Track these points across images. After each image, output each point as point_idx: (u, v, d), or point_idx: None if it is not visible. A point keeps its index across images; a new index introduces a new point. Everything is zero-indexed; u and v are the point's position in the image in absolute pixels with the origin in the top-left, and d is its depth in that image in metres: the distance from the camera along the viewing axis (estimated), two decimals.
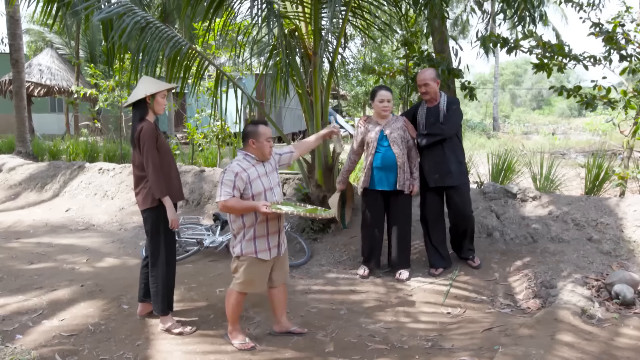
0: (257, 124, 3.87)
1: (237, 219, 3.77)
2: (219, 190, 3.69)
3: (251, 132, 3.83)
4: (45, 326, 4.17)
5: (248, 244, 3.76)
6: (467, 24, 33.37)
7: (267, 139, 3.83)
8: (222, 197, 3.65)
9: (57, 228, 7.78)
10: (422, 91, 5.16)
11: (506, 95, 65.06)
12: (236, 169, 3.71)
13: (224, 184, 3.67)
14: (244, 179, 3.71)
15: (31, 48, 28.43)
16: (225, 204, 3.65)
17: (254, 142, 3.81)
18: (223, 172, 3.75)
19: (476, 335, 3.96)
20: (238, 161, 3.80)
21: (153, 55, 5.35)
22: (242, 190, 3.70)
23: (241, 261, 3.80)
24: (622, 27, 6.62)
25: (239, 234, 3.79)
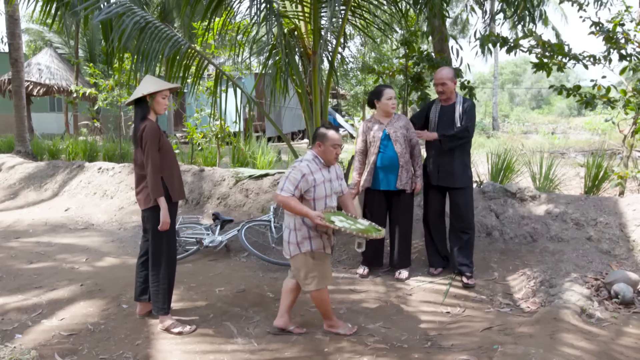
0: (328, 129, 3.94)
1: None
2: (282, 183, 3.75)
3: (320, 134, 3.91)
4: (44, 325, 4.17)
5: (317, 241, 3.83)
6: (467, 23, 33.37)
7: (333, 145, 3.87)
8: (283, 192, 3.71)
9: (56, 227, 7.78)
10: (439, 90, 5.10)
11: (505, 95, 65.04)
12: (305, 170, 3.78)
13: (289, 181, 3.74)
14: (309, 182, 3.77)
15: (30, 47, 28.40)
16: (283, 199, 3.71)
17: (320, 145, 3.89)
18: (293, 167, 3.81)
19: (475, 334, 3.96)
20: (308, 162, 3.86)
21: (152, 55, 5.35)
22: (304, 192, 3.77)
23: (316, 258, 3.84)
24: (622, 27, 6.62)
25: (300, 230, 3.82)
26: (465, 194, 5.11)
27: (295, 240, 3.83)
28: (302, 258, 3.84)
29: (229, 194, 7.70)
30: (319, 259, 3.84)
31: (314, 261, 3.83)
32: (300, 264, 3.86)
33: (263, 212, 7.09)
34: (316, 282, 3.85)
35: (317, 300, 3.93)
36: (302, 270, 3.86)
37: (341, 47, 6.62)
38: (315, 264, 3.83)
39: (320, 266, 3.85)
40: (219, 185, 7.89)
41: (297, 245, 3.83)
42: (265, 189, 7.44)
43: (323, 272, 3.86)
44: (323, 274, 3.86)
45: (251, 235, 6.27)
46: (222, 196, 7.72)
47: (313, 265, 3.83)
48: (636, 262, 4.97)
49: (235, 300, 4.73)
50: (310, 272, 3.84)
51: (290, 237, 3.87)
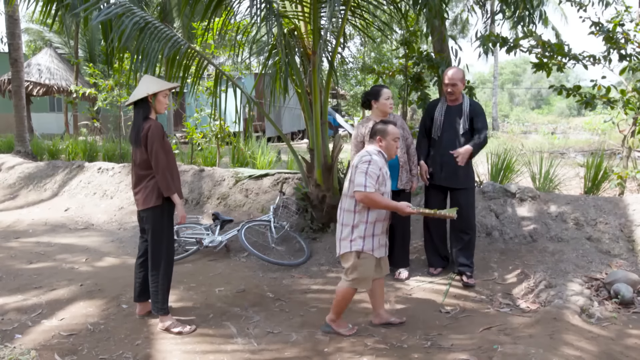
0: (386, 123, 3.97)
1: (362, 211, 3.81)
2: (363, 179, 3.70)
3: (380, 129, 3.94)
4: (44, 326, 4.17)
5: (369, 241, 3.83)
6: (467, 23, 33.38)
7: (394, 139, 3.93)
8: (367, 188, 3.68)
9: (56, 227, 7.78)
10: (449, 90, 5.02)
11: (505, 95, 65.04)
12: (380, 163, 3.80)
13: (370, 175, 3.71)
14: (383, 176, 3.81)
15: (30, 47, 28.38)
16: (368, 195, 3.69)
17: (381, 140, 3.91)
18: (365, 162, 3.77)
19: (475, 334, 3.96)
20: (376, 156, 3.84)
21: (152, 56, 5.35)
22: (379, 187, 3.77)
23: (362, 258, 3.82)
24: (621, 27, 6.62)
25: (358, 228, 3.82)
26: (468, 194, 5.11)
27: (350, 237, 3.83)
28: (350, 255, 3.84)
29: (228, 194, 7.70)
30: (365, 260, 3.82)
31: (359, 261, 3.82)
32: (349, 259, 3.86)
33: (263, 212, 7.09)
34: (352, 282, 3.87)
35: (340, 295, 3.93)
36: (348, 265, 3.88)
37: (341, 47, 6.62)
38: (360, 265, 3.82)
39: (363, 268, 3.84)
40: (218, 185, 7.89)
41: (350, 242, 3.83)
42: (265, 189, 7.44)
43: (364, 275, 3.86)
44: (363, 277, 3.86)
45: (251, 235, 6.27)
46: (222, 196, 7.72)
47: (357, 264, 3.82)
48: (636, 262, 4.97)
49: (235, 301, 4.73)
50: (352, 270, 3.85)
51: (344, 233, 3.87)
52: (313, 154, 6.21)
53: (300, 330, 4.12)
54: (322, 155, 6.16)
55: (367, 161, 3.77)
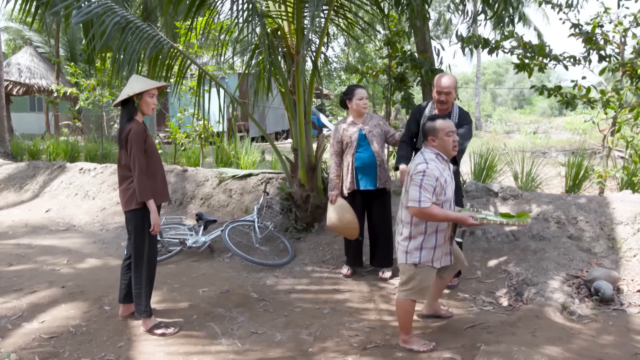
0: (434, 119, 3.65)
1: (419, 223, 3.60)
2: (417, 193, 3.45)
3: (429, 129, 3.64)
4: (25, 328, 4.12)
5: (428, 253, 3.62)
6: (450, 24, 33.59)
7: (447, 134, 3.59)
8: (422, 204, 3.43)
9: (37, 229, 7.68)
10: (442, 99, 4.65)
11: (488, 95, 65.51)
12: (436, 172, 3.51)
13: (425, 189, 3.45)
14: (442, 185, 3.53)
15: (10, 46, 27.94)
16: (423, 211, 3.45)
17: (433, 139, 3.61)
18: (419, 173, 3.50)
19: (459, 333, 3.99)
20: (434, 162, 3.57)
21: (134, 55, 5.31)
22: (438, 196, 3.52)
23: (419, 269, 3.63)
24: (601, 28, 6.71)
25: (415, 239, 3.62)
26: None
27: (406, 248, 3.65)
28: (407, 267, 3.67)
29: (212, 194, 7.66)
30: (422, 270, 3.64)
31: (417, 271, 3.63)
32: (405, 270, 3.70)
33: (247, 212, 7.07)
34: (409, 293, 3.69)
35: (400, 309, 3.75)
36: (404, 277, 3.71)
37: (324, 47, 6.62)
38: (417, 276, 3.64)
39: (421, 278, 3.65)
40: (202, 186, 7.85)
41: (405, 254, 3.65)
42: (249, 189, 7.42)
43: (421, 286, 3.67)
44: (421, 288, 3.68)
45: (235, 235, 6.25)
46: (205, 196, 7.68)
47: (414, 275, 3.64)
48: (616, 260, 5.05)
49: (219, 301, 4.71)
50: (409, 281, 3.67)
51: (401, 243, 3.69)
52: (297, 154, 6.21)
53: (285, 330, 4.12)
54: (306, 155, 6.16)
55: (422, 172, 3.49)
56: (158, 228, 4.05)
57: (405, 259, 3.66)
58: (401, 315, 3.75)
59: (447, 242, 3.74)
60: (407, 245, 3.65)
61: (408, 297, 3.69)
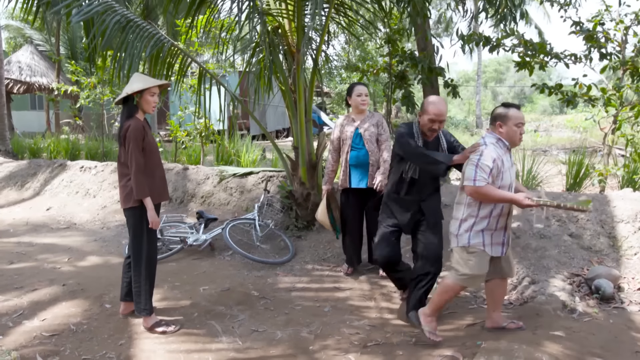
0: (508, 107, 3.59)
1: (473, 205, 3.54)
2: (473, 172, 3.42)
3: (500, 114, 3.57)
4: (26, 326, 4.12)
5: (476, 235, 3.54)
6: (451, 22, 33.55)
7: (517, 124, 3.52)
8: (477, 182, 3.39)
9: (37, 227, 7.68)
10: (435, 127, 3.99)
11: (489, 93, 65.49)
12: (494, 154, 3.45)
13: (481, 168, 3.41)
14: (499, 167, 3.47)
15: (10, 44, 27.96)
16: (479, 190, 3.40)
17: (501, 125, 3.55)
18: (477, 153, 3.47)
19: (459, 330, 3.99)
20: (493, 145, 3.52)
21: (135, 54, 5.30)
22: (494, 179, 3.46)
23: (469, 253, 3.56)
24: (602, 26, 6.71)
25: (466, 222, 3.56)
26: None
27: (457, 231, 3.60)
28: (458, 250, 3.62)
29: (213, 193, 7.66)
30: (474, 255, 3.55)
31: (467, 256, 3.56)
32: (456, 255, 3.64)
33: (247, 210, 7.07)
34: (457, 277, 3.62)
35: (442, 288, 3.69)
36: (455, 262, 3.65)
37: (325, 45, 6.63)
38: (469, 261, 3.56)
39: (472, 264, 3.56)
40: (203, 184, 7.85)
41: (456, 237, 3.61)
42: (250, 187, 7.42)
43: (473, 272, 3.57)
44: (472, 274, 3.57)
45: (235, 233, 6.25)
46: (206, 195, 7.69)
47: (465, 259, 3.57)
48: (616, 258, 5.04)
49: (220, 299, 4.71)
50: (460, 266, 3.60)
51: (453, 227, 3.65)
52: (297, 152, 6.21)
53: (285, 328, 4.12)
54: (306, 153, 6.16)
55: (480, 152, 3.46)
56: (156, 226, 4.04)
57: (457, 242, 3.61)
58: (440, 292, 3.68)
59: (501, 230, 3.63)
60: (458, 228, 3.60)
61: (458, 282, 3.63)
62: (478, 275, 3.61)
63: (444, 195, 6.01)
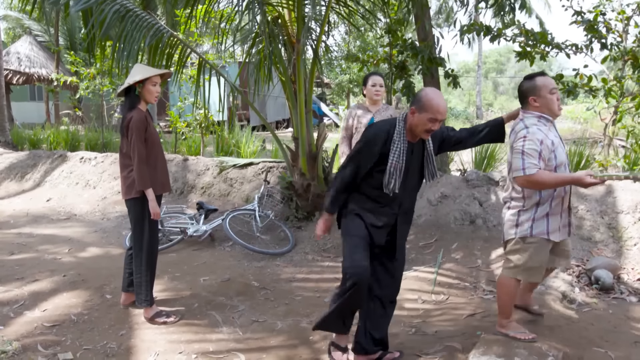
0: (533, 77, 3.26)
1: (532, 194, 3.22)
2: (520, 161, 3.09)
3: (529, 87, 3.24)
4: (27, 317, 4.13)
5: (540, 223, 3.22)
6: (452, 12, 33.39)
7: (550, 91, 3.19)
8: (527, 170, 3.05)
9: (38, 218, 7.69)
10: (434, 129, 3.05)
11: (489, 84, 65.35)
12: (539, 135, 3.11)
13: (528, 154, 3.07)
14: (549, 147, 3.13)
15: (9, 35, 27.84)
16: (531, 178, 3.06)
17: (535, 100, 3.21)
18: (520, 139, 3.14)
19: (459, 321, 4.00)
20: (535, 125, 3.18)
21: (134, 44, 5.28)
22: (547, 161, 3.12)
23: (528, 244, 3.25)
24: (603, 16, 6.67)
25: (527, 212, 3.24)
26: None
27: (516, 221, 3.28)
28: (515, 241, 3.31)
29: (213, 184, 7.66)
30: (534, 246, 3.25)
31: (525, 246, 3.26)
32: (511, 246, 3.34)
33: (247, 201, 7.07)
34: (513, 270, 3.32)
35: (501, 288, 3.41)
36: (509, 253, 3.36)
37: (325, 36, 6.59)
38: (526, 252, 3.26)
39: (530, 255, 3.26)
40: (203, 175, 7.85)
41: (515, 227, 3.28)
42: (250, 178, 7.42)
43: (530, 264, 3.27)
44: (530, 266, 3.28)
45: (236, 224, 6.26)
46: (206, 185, 7.69)
47: (523, 250, 3.27)
48: (616, 249, 5.05)
49: (220, 290, 4.72)
50: (515, 257, 3.31)
51: (511, 217, 3.33)
52: (297, 143, 6.20)
53: (285, 318, 4.14)
54: (306, 144, 6.15)
55: (522, 137, 3.13)
56: (157, 217, 4.04)
57: (515, 232, 3.28)
58: (501, 295, 3.42)
59: (565, 211, 3.34)
60: (516, 219, 3.28)
61: (512, 274, 3.33)
62: (537, 267, 3.31)
63: (443, 185, 6.04)
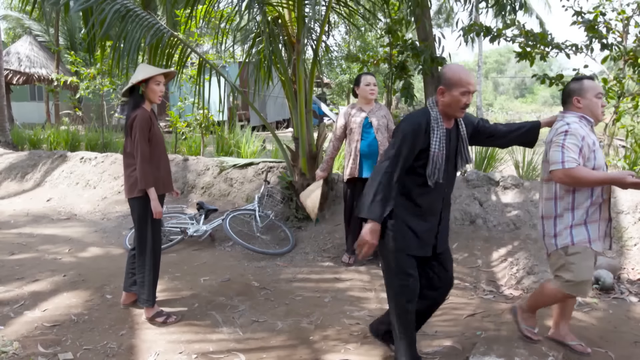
0: (581, 79, 3.18)
1: (566, 196, 3.05)
2: (559, 154, 2.92)
3: (574, 89, 3.15)
4: (27, 317, 4.13)
5: (579, 230, 3.02)
6: (452, 12, 33.39)
7: (596, 95, 3.10)
8: (566, 164, 2.88)
9: (38, 218, 7.69)
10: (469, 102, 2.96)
11: (489, 84, 65.38)
12: (581, 131, 2.98)
13: (568, 148, 2.92)
14: (590, 146, 2.99)
15: (9, 35, 27.85)
16: (570, 172, 2.87)
17: (579, 101, 3.10)
18: (561, 133, 3.00)
19: (459, 321, 4.00)
20: (577, 123, 3.05)
21: (134, 44, 5.29)
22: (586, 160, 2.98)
23: (571, 254, 3.02)
24: (603, 16, 6.67)
25: (562, 217, 3.06)
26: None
27: (554, 231, 3.09)
28: (558, 254, 3.10)
29: (213, 184, 7.66)
30: (577, 257, 3.01)
31: (568, 258, 3.03)
32: (556, 260, 3.12)
33: (248, 201, 7.07)
34: (565, 285, 3.06)
35: (542, 290, 3.23)
36: (555, 268, 3.14)
37: (325, 36, 6.60)
38: (572, 265, 3.02)
39: (577, 267, 3.01)
40: (203, 175, 7.85)
41: (554, 238, 3.09)
42: (250, 178, 7.42)
43: (580, 277, 3.01)
44: (579, 279, 3.01)
45: (236, 224, 6.26)
46: (206, 185, 7.69)
47: (568, 263, 3.03)
48: (616, 249, 5.05)
49: (220, 290, 4.73)
50: (562, 272, 3.07)
51: (547, 227, 3.14)
52: (298, 143, 6.20)
53: (286, 319, 4.14)
54: (306, 144, 6.15)
55: (564, 132, 2.99)
56: (159, 216, 4.05)
57: (555, 243, 3.08)
58: (539, 293, 3.26)
59: (605, 220, 3.12)
60: (553, 229, 3.09)
61: (563, 289, 3.08)
62: (586, 281, 3.05)
63: None
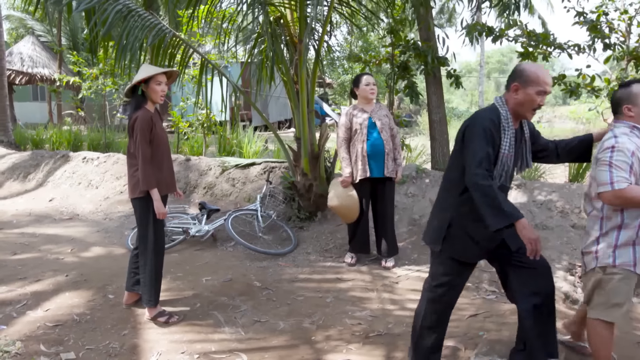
0: (629, 84, 2.88)
1: (613, 215, 2.80)
2: (607, 174, 2.68)
3: (622, 96, 2.88)
4: (29, 317, 4.14)
5: (624, 252, 2.77)
6: (454, 12, 33.35)
7: None
8: (616, 185, 2.64)
9: (41, 218, 7.70)
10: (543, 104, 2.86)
11: (492, 84, 65.25)
12: (631, 146, 2.71)
13: (616, 167, 2.67)
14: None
15: (12, 35, 27.90)
16: (620, 194, 2.63)
17: (629, 109, 2.84)
18: (606, 150, 2.75)
19: (462, 321, 4.00)
20: (626, 135, 2.79)
21: (136, 44, 5.29)
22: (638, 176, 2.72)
23: (608, 274, 2.80)
24: (605, 16, 6.66)
25: (607, 236, 2.81)
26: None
27: (596, 250, 2.84)
28: (593, 274, 2.87)
29: (215, 184, 7.67)
30: (615, 278, 2.79)
31: (605, 277, 2.81)
32: (589, 279, 2.90)
33: (250, 201, 7.07)
34: (598, 311, 2.85)
35: (593, 331, 2.90)
36: (589, 290, 2.91)
37: (327, 36, 6.60)
38: (607, 284, 2.81)
39: (612, 289, 2.79)
40: (205, 175, 7.85)
41: (596, 258, 2.83)
42: (252, 178, 7.42)
43: (616, 300, 2.80)
44: (615, 302, 2.80)
45: (238, 224, 6.26)
46: (208, 185, 7.69)
47: (603, 284, 2.82)
48: None
49: (222, 290, 4.73)
50: (597, 293, 2.86)
51: (587, 243, 2.91)
52: (300, 143, 6.20)
53: (287, 319, 4.14)
54: (308, 144, 6.15)
55: (609, 148, 2.74)
56: (163, 216, 4.05)
57: (595, 261, 2.84)
58: (594, 344, 2.91)
59: None
60: (596, 247, 2.84)
61: (601, 316, 2.84)
62: (620, 303, 2.81)
63: None
